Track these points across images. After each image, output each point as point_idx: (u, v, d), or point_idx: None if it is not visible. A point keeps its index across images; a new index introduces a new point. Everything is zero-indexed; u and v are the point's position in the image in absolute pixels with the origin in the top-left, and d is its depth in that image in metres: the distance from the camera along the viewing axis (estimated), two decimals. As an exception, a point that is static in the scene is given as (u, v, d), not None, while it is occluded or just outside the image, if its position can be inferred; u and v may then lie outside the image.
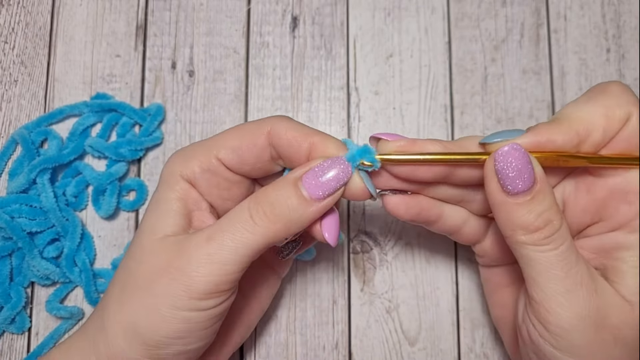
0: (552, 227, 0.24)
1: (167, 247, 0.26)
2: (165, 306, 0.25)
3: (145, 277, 0.26)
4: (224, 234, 0.25)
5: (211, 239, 0.25)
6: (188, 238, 0.26)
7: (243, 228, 0.25)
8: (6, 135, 0.38)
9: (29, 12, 0.40)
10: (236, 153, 0.28)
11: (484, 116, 0.40)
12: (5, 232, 0.35)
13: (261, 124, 0.28)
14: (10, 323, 0.36)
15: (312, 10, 0.41)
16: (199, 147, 0.29)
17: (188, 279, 0.25)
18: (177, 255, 0.25)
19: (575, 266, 0.24)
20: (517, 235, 0.24)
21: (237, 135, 0.28)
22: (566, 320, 0.24)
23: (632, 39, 0.41)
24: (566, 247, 0.24)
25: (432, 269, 0.38)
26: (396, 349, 0.37)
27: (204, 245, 0.25)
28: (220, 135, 0.29)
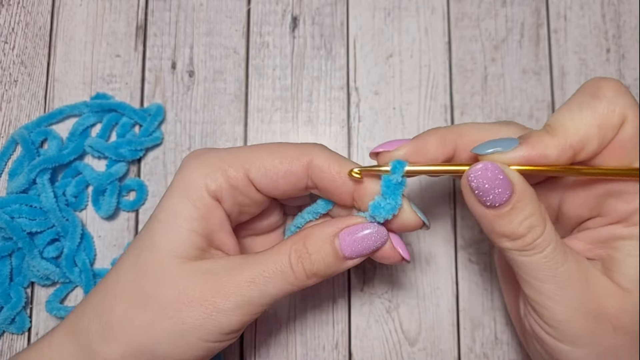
0: (535, 233, 0.24)
1: (199, 277, 0.25)
2: (194, 337, 0.25)
3: (172, 304, 0.25)
4: (267, 281, 0.25)
5: (254, 283, 0.25)
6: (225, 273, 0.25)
7: (284, 280, 0.25)
8: (6, 135, 0.38)
9: (29, 12, 0.40)
10: (269, 177, 0.26)
11: (484, 116, 0.40)
12: (5, 232, 0.35)
13: (301, 153, 0.26)
14: (10, 323, 0.36)
15: (312, 10, 0.41)
16: (229, 157, 0.27)
17: (224, 319, 0.25)
18: (213, 291, 0.25)
19: (563, 264, 0.24)
20: (502, 243, 0.25)
21: (273, 159, 0.26)
22: (561, 313, 0.25)
23: (632, 39, 0.41)
24: (552, 248, 0.24)
25: (432, 269, 0.38)
26: (396, 349, 0.37)
27: (245, 288, 0.25)
28: (253, 150, 0.27)
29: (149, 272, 0.25)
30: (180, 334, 0.25)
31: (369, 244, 0.26)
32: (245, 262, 0.26)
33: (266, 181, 0.26)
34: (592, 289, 0.25)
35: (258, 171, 0.26)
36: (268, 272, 0.25)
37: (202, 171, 0.26)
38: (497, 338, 0.37)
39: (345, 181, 0.26)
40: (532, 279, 0.25)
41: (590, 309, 0.25)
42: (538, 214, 0.24)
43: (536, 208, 0.24)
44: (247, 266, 0.25)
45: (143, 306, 0.25)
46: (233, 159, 0.26)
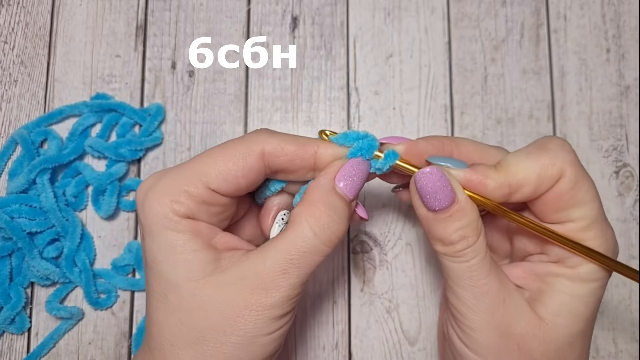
0: (465, 243, 0.26)
1: (234, 288, 0.25)
2: (260, 337, 0.25)
3: (223, 324, 0.25)
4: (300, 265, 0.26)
5: (287, 272, 0.25)
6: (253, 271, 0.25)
7: (316, 255, 0.26)
8: (6, 135, 0.38)
9: (29, 12, 0.40)
10: (229, 181, 0.26)
11: (484, 116, 0.40)
12: (5, 232, 0.35)
13: (250, 146, 0.27)
14: (10, 323, 0.36)
15: (312, 11, 0.41)
16: (183, 177, 0.26)
17: (275, 310, 0.25)
18: (255, 294, 0.25)
19: (485, 277, 0.26)
20: (436, 245, 0.27)
21: (227, 163, 0.26)
22: (473, 322, 0.27)
23: (632, 39, 0.41)
24: (478, 260, 0.26)
25: (432, 269, 0.38)
26: (396, 349, 0.37)
27: (281, 279, 0.25)
28: (204, 160, 0.27)
29: (185, 308, 0.25)
30: (250, 342, 0.25)
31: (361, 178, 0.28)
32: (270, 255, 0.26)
33: (227, 185, 0.26)
34: (506, 308, 0.26)
35: (216, 179, 0.26)
36: (297, 258, 0.26)
37: (164, 201, 0.26)
38: (497, 338, 0.37)
39: (302, 157, 0.27)
40: (455, 285, 0.27)
41: (499, 325, 0.26)
42: (473, 226, 0.26)
43: (472, 221, 0.26)
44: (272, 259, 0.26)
45: (200, 339, 0.25)
46: (188, 177, 0.26)
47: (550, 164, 0.26)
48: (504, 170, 0.27)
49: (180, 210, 0.26)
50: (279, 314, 0.26)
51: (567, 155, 0.27)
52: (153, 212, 0.26)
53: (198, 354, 0.25)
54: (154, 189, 0.26)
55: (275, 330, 0.26)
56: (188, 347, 0.25)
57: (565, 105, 0.40)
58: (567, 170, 0.26)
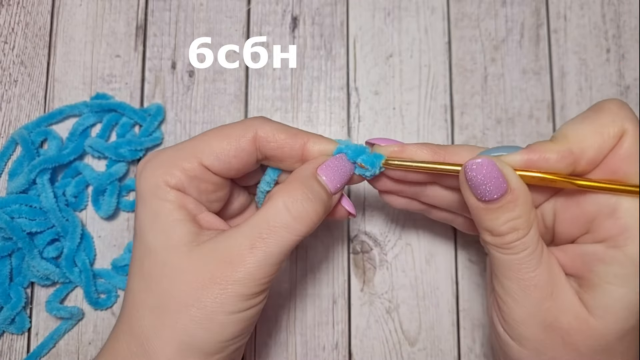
0: (515, 235, 0.26)
1: (202, 259, 0.26)
2: (221, 314, 0.25)
3: (187, 293, 0.25)
4: (267, 241, 0.26)
5: (255, 247, 0.25)
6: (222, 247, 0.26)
7: (286, 232, 0.26)
8: (6, 136, 0.38)
9: (29, 12, 0.40)
10: (222, 159, 0.28)
11: (484, 116, 0.40)
12: (5, 232, 0.35)
13: (245, 128, 0.28)
14: (10, 323, 0.36)
15: (312, 11, 0.41)
16: (179, 153, 0.28)
17: (240, 287, 0.25)
18: (221, 266, 0.25)
19: (533, 271, 0.26)
20: (484, 235, 0.27)
21: (220, 141, 0.28)
22: (517, 314, 0.26)
23: (632, 39, 0.41)
24: (527, 253, 0.26)
25: (432, 269, 0.38)
26: (396, 349, 0.37)
27: (248, 255, 0.25)
28: (201, 139, 0.28)
29: (155, 274, 0.26)
30: (208, 318, 0.25)
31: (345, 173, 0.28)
32: (241, 230, 0.26)
33: (219, 164, 0.28)
34: (554, 301, 0.26)
35: (210, 157, 0.27)
36: (266, 232, 0.26)
37: (158, 172, 0.27)
38: (497, 338, 0.37)
39: (292, 146, 0.28)
40: (501, 275, 0.27)
41: (545, 318, 0.26)
42: (525, 217, 0.26)
43: (525, 212, 0.26)
44: (243, 233, 0.26)
45: (164, 307, 0.26)
46: (184, 153, 0.28)
47: (610, 122, 0.25)
48: (562, 139, 0.26)
49: (171, 181, 0.27)
50: (243, 293, 0.25)
51: (627, 113, 0.25)
52: (146, 181, 0.27)
53: (157, 322, 0.26)
54: (151, 161, 0.28)
55: (237, 311, 0.25)
56: (150, 313, 0.26)
57: (565, 105, 0.40)
58: (629, 127, 0.25)
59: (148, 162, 0.28)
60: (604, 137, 0.25)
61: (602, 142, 0.25)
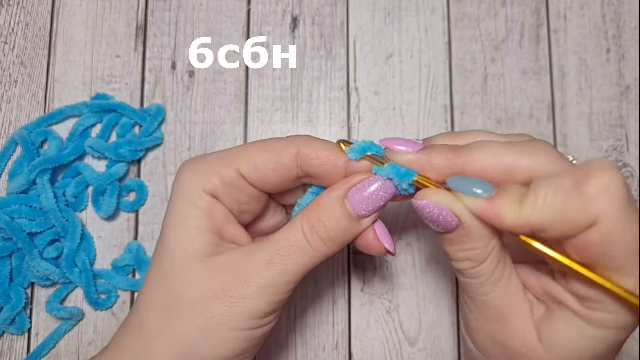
0: (469, 264, 0.26)
1: (218, 269, 0.26)
2: (226, 328, 0.25)
3: (198, 300, 0.25)
4: (285, 258, 0.26)
5: (271, 263, 0.25)
6: (239, 261, 0.26)
7: (302, 252, 0.26)
8: (6, 136, 0.38)
9: (29, 12, 0.40)
10: (260, 171, 0.27)
11: (484, 116, 0.40)
12: (5, 232, 0.35)
13: (288, 144, 0.27)
14: (10, 324, 0.36)
15: (312, 11, 0.41)
16: (219, 159, 0.28)
17: (250, 303, 0.25)
18: (234, 279, 0.25)
19: (485, 295, 0.26)
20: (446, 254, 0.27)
21: (262, 153, 0.27)
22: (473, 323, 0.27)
23: (632, 39, 0.41)
24: (480, 281, 0.26)
25: (432, 269, 0.38)
26: (396, 349, 0.37)
27: (264, 269, 0.25)
28: (242, 149, 0.28)
29: (171, 276, 0.26)
30: (213, 329, 0.25)
31: (378, 197, 0.27)
32: (260, 246, 0.26)
33: (257, 175, 0.27)
34: (504, 325, 0.26)
35: (248, 166, 0.27)
36: (284, 250, 0.26)
37: (196, 175, 0.27)
38: (497, 338, 0.37)
39: (335, 164, 0.27)
40: (461, 289, 0.28)
41: (495, 336, 0.26)
42: (479, 251, 0.25)
43: (479, 245, 0.25)
44: (262, 249, 0.26)
45: (173, 310, 0.26)
46: (224, 160, 0.28)
47: (581, 211, 0.22)
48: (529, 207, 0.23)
49: (206, 186, 0.27)
50: (252, 309, 0.25)
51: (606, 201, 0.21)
52: (182, 182, 0.27)
53: (164, 324, 0.26)
54: (192, 163, 0.28)
55: (243, 328, 0.25)
56: (160, 314, 0.26)
57: (565, 105, 0.40)
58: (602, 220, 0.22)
59: (189, 163, 0.28)
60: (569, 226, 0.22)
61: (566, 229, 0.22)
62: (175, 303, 0.26)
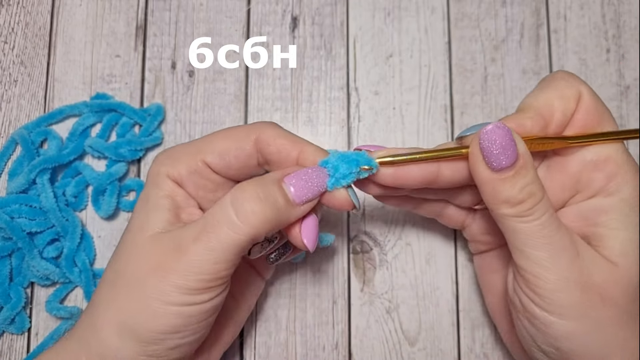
0: (534, 199, 0.26)
1: (155, 245, 0.27)
2: (157, 302, 0.25)
3: (135, 275, 0.26)
4: (209, 235, 0.25)
5: (198, 239, 0.25)
6: (175, 236, 0.26)
7: (228, 229, 0.25)
8: (6, 136, 0.38)
9: (29, 12, 0.40)
10: (223, 158, 0.29)
11: (484, 116, 0.40)
12: (5, 232, 0.35)
13: (249, 131, 0.29)
14: (10, 323, 0.36)
15: (312, 11, 0.41)
16: (186, 149, 0.30)
17: (178, 278, 0.25)
18: (166, 254, 0.26)
19: (557, 234, 0.26)
20: (502, 209, 0.26)
21: (224, 140, 0.29)
22: (552, 282, 0.26)
23: (632, 39, 0.41)
24: (547, 217, 0.26)
25: (432, 269, 0.38)
26: (396, 349, 0.37)
27: (191, 245, 0.25)
28: (207, 138, 0.30)
29: (123, 252, 0.28)
30: (146, 304, 0.25)
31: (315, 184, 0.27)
32: (193, 223, 0.26)
33: (220, 162, 0.29)
34: (582, 260, 0.26)
35: (212, 154, 0.29)
36: (210, 226, 0.25)
37: (165, 162, 0.29)
38: (497, 338, 0.37)
39: (289, 152, 0.28)
40: (526, 247, 0.26)
41: (579, 279, 0.26)
42: (537, 182, 0.26)
43: (536, 176, 0.26)
44: (193, 226, 0.26)
45: (117, 284, 0.27)
46: (190, 148, 0.29)
47: (567, 87, 0.28)
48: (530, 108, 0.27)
49: (171, 172, 0.29)
50: (181, 284, 0.25)
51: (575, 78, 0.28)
52: (152, 170, 0.29)
53: (109, 299, 0.27)
54: (163, 153, 0.30)
55: (174, 303, 0.25)
56: (106, 289, 0.27)
57: (565, 105, 0.40)
58: (584, 89, 0.28)
59: (160, 154, 0.30)
60: (566, 100, 0.27)
61: (565, 104, 0.27)
62: (119, 277, 0.27)
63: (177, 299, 0.25)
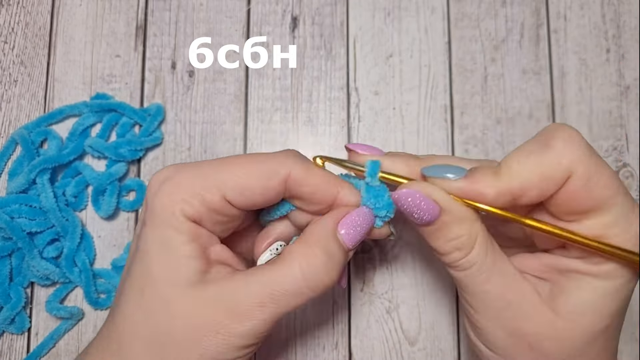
0: (458, 254, 0.25)
1: (206, 303, 0.25)
2: None
3: (186, 336, 0.24)
4: (279, 302, 0.25)
5: (265, 306, 0.25)
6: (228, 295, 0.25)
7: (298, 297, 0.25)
8: (6, 136, 0.38)
9: (29, 12, 0.40)
10: (246, 196, 0.26)
11: (484, 116, 0.40)
12: (5, 232, 0.35)
13: (277, 167, 0.26)
14: (10, 323, 0.36)
15: (312, 11, 0.41)
16: (201, 180, 0.26)
17: (242, 339, 0.25)
18: (225, 316, 0.24)
19: (484, 284, 0.26)
20: (434, 253, 0.27)
21: (248, 177, 0.26)
22: (481, 323, 0.26)
23: (632, 39, 0.41)
24: (474, 270, 0.25)
25: (432, 269, 0.38)
26: (396, 349, 0.37)
27: (257, 311, 0.25)
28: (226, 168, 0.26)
29: (156, 309, 0.25)
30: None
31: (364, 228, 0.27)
32: (252, 282, 0.25)
33: (243, 200, 0.26)
34: (513, 310, 0.26)
35: (234, 191, 0.25)
36: (278, 293, 0.25)
37: (177, 198, 0.25)
38: (497, 338, 0.37)
39: (324, 192, 0.27)
40: (460, 289, 0.27)
41: (507, 326, 0.26)
42: (465, 237, 0.25)
43: (464, 232, 0.25)
44: (254, 287, 0.25)
45: (161, 345, 0.25)
46: (207, 182, 0.26)
47: (555, 164, 0.23)
48: (505, 175, 0.24)
49: (189, 212, 0.25)
50: (243, 344, 0.25)
51: (574, 150, 0.23)
52: (162, 205, 0.25)
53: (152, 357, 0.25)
54: (169, 182, 0.26)
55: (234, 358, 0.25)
56: (145, 348, 0.25)
57: (565, 105, 0.40)
58: (576, 168, 0.23)
59: (165, 181, 0.26)
60: (547, 181, 0.24)
61: (545, 185, 0.24)
62: (163, 338, 0.25)
63: (236, 354, 0.25)
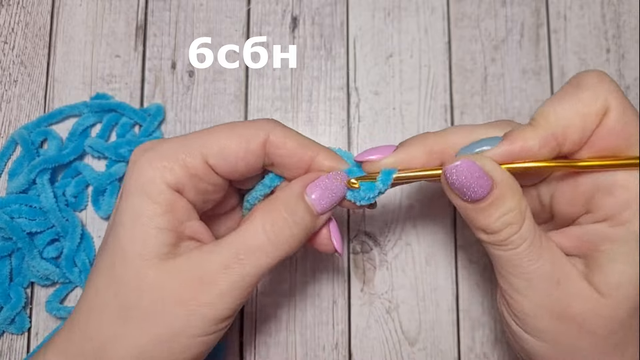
0: (510, 229, 0.24)
1: (174, 274, 0.24)
2: (183, 337, 0.24)
3: (154, 308, 0.24)
4: (244, 262, 0.24)
5: (230, 268, 0.24)
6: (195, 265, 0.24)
7: (262, 253, 0.25)
8: (6, 136, 0.38)
9: (29, 12, 0.40)
10: (229, 160, 0.26)
11: (484, 116, 0.40)
12: (5, 232, 0.35)
13: (257, 130, 0.26)
14: (10, 323, 0.36)
15: (312, 10, 0.41)
16: (183, 147, 0.25)
17: (208, 310, 0.24)
18: (191, 286, 0.24)
19: (535, 263, 0.25)
20: (479, 235, 0.26)
21: (229, 140, 0.26)
22: (527, 307, 0.25)
23: (632, 39, 0.41)
24: (526, 246, 0.25)
25: (432, 269, 0.38)
26: (396, 349, 0.37)
27: (223, 275, 0.24)
28: (208, 134, 0.26)
29: (126, 283, 0.24)
30: (170, 338, 0.24)
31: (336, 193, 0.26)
32: (218, 248, 0.25)
33: (226, 164, 0.26)
34: (561, 290, 0.25)
35: (217, 156, 0.25)
36: (243, 252, 0.24)
37: (158, 164, 0.25)
38: (497, 338, 0.37)
39: (301, 157, 0.27)
40: (505, 272, 0.25)
41: (555, 308, 0.25)
42: (517, 211, 0.24)
43: (516, 205, 0.24)
44: (220, 251, 0.25)
45: (128, 319, 0.24)
46: (189, 147, 0.25)
47: (592, 100, 0.23)
48: (543, 124, 0.24)
49: (169, 178, 0.25)
50: (211, 316, 0.24)
51: (608, 86, 0.24)
52: (141, 173, 0.25)
53: (118, 332, 0.24)
54: (151, 151, 0.25)
55: (201, 334, 0.24)
56: (112, 320, 0.24)
57: (565, 105, 0.40)
58: (612, 102, 0.23)
59: (146, 150, 0.25)
60: (586, 117, 0.24)
61: (585, 122, 0.24)
62: (130, 311, 0.24)
63: (205, 330, 0.24)
